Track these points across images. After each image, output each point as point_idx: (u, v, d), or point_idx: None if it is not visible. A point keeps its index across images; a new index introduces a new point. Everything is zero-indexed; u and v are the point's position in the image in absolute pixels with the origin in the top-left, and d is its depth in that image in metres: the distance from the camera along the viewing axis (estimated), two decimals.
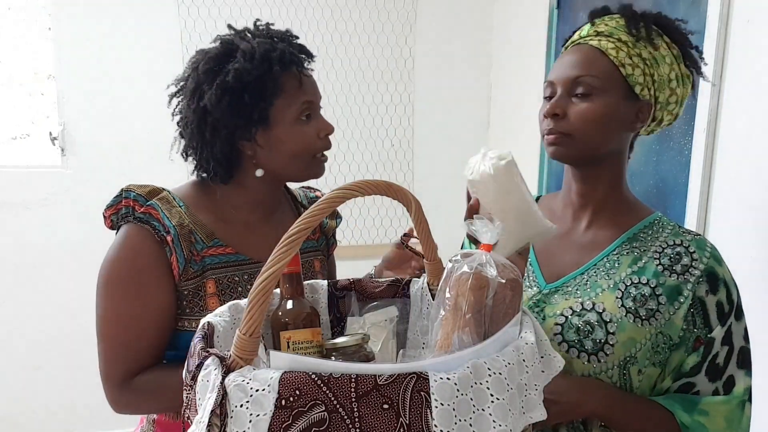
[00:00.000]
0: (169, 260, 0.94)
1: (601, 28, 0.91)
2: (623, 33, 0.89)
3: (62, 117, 2.47)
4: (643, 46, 0.88)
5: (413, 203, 0.71)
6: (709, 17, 1.33)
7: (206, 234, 1.00)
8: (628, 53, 0.88)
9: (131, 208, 0.95)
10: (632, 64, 0.88)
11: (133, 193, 0.97)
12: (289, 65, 0.98)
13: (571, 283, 0.93)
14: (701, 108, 1.36)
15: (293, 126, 0.99)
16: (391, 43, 2.67)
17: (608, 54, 0.88)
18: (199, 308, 0.97)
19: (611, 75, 0.88)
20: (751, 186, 1.26)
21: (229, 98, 0.95)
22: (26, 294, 2.54)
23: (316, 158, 1.04)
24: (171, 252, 0.94)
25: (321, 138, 1.03)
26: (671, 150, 1.50)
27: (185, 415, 0.61)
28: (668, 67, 0.90)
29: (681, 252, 0.89)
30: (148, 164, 2.35)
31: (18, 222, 2.49)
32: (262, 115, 0.97)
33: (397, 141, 2.76)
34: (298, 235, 0.57)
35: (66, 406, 2.63)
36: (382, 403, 0.51)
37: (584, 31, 0.93)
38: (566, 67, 0.90)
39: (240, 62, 0.95)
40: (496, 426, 0.52)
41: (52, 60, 2.44)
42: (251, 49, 0.96)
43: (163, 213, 0.95)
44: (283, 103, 0.98)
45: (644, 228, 0.94)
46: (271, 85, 0.96)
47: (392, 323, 0.84)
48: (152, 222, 0.94)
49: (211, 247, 0.99)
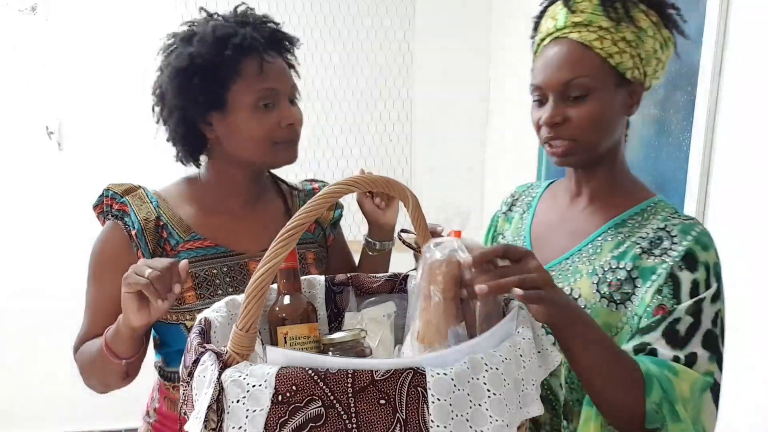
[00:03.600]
0: (136, 254, 0.98)
1: (578, 16, 0.85)
2: (602, 18, 0.83)
3: (58, 111, 2.46)
4: (625, 27, 0.83)
5: (411, 198, 0.70)
6: (709, 12, 1.33)
7: (183, 229, 1.02)
8: (612, 41, 0.83)
9: (109, 206, 1.01)
10: (619, 51, 0.84)
11: (110, 192, 1.02)
12: (249, 50, 0.96)
13: (555, 269, 0.92)
14: (700, 103, 1.36)
15: (252, 113, 0.97)
16: (390, 39, 2.66)
17: (594, 48, 0.83)
18: (176, 302, 0.97)
19: (602, 69, 0.84)
20: (749, 181, 1.26)
21: (179, 81, 0.97)
22: (22, 288, 2.54)
23: (278, 145, 1.01)
24: (137, 246, 0.98)
25: (283, 127, 1.00)
26: (670, 145, 1.50)
27: (182, 411, 0.61)
28: (651, 39, 0.85)
29: (663, 236, 0.84)
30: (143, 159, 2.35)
31: (13, 215, 2.48)
32: (217, 100, 0.97)
33: (395, 136, 2.76)
34: (295, 231, 0.57)
35: (66, 401, 2.63)
36: (379, 399, 0.51)
37: (560, 20, 0.87)
38: (554, 70, 0.85)
39: (194, 45, 0.96)
40: (492, 421, 0.52)
41: (48, 54, 2.43)
42: (207, 32, 0.97)
43: (132, 209, 1.00)
44: (241, 89, 0.97)
45: (635, 214, 0.90)
46: (227, 69, 0.96)
47: (390, 318, 0.84)
48: (124, 218, 1.00)
49: (188, 242, 1.01)
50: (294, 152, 1.05)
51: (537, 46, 0.92)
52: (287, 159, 1.04)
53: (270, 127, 0.99)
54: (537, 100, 0.89)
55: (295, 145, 1.04)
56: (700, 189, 1.37)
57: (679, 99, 1.45)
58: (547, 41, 0.89)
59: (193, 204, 1.05)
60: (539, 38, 0.91)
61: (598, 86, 0.84)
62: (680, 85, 1.44)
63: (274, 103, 0.99)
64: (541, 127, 0.88)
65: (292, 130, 1.02)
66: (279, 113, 0.99)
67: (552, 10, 0.90)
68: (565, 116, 0.85)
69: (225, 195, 1.07)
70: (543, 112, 0.87)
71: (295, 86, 1.04)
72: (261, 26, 1.01)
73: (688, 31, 0.92)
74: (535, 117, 0.90)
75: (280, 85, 1.00)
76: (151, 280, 0.80)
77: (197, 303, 0.98)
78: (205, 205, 1.06)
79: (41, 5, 2.40)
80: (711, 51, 1.32)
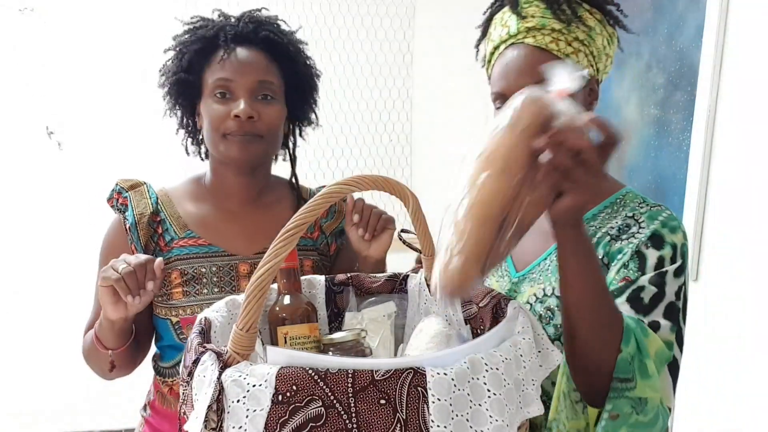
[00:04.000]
0: (130, 247, 1.02)
1: (529, 22, 0.87)
2: (552, 20, 0.85)
3: (59, 111, 2.46)
4: (576, 27, 0.86)
5: (410, 198, 0.70)
6: (709, 12, 1.33)
7: (180, 226, 1.04)
8: (566, 41, 0.85)
9: (116, 200, 1.06)
10: (574, 50, 0.86)
11: (118, 186, 1.07)
12: (215, 39, 1.01)
13: (536, 270, 0.92)
14: (700, 103, 1.36)
15: (207, 101, 1.01)
16: (390, 38, 2.66)
17: (551, 50, 0.85)
18: (165, 297, 0.99)
19: None
20: (748, 181, 1.26)
21: (170, 71, 1.04)
22: (21, 288, 2.54)
23: (226, 138, 0.99)
24: (131, 239, 1.01)
25: (232, 118, 0.97)
26: (670, 145, 1.50)
27: (181, 411, 0.61)
28: (600, 36, 0.88)
29: (630, 224, 0.86)
30: (145, 158, 2.35)
31: (13, 216, 2.48)
32: (196, 88, 1.03)
33: (395, 136, 2.76)
34: (295, 231, 0.57)
35: (66, 401, 2.63)
36: (379, 399, 0.51)
37: (512, 27, 0.88)
38: (515, 76, 0.86)
39: (180, 39, 1.05)
40: (492, 421, 0.52)
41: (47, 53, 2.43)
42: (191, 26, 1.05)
43: (131, 203, 1.04)
44: (207, 77, 1.02)
45: (605, 207, 0.91)
46: (202, 59, 1.02)
47: (390, 318, 0.84)
48: (125, 212, 1.04)
49: (182, 239, 1.03)
50: (242, 148, 0.99)
51: (490, 55, 0.93)
52: (233, 154, 0.99)
53: (219, 117, 0.98)
54: (499, 106, 0.88)
55: (248, 141, 0.99)
56: (700, 189, 1.37)
57: (679, 99, 1.45)
58: (501, 48, 0.90)
59: (195, 203, 1.07)
60: (492, 46, 0.92)
61: None
62: (680, 85, 1.44)
63: (230, 94, 0.99)
64: None
65: (241, 123, 0.97)
66: (232, 105, 0.98)
67: (500, 17, 0.91)
68: None
69: (221, 195, 1.08)
70: None
71: (265, 83, 1.01)
72: (246, 22, 1.04)
73: (688, 30, 0.92)
74: None
75: (239, 77, 0.98)
76: (122, 276, 0.83)
77: (182, 300, 0.98)
78: (205, 205, 1.07)
79: (41, 5, 2.40)
80: (711, 51, 1.32)
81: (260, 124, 1.00)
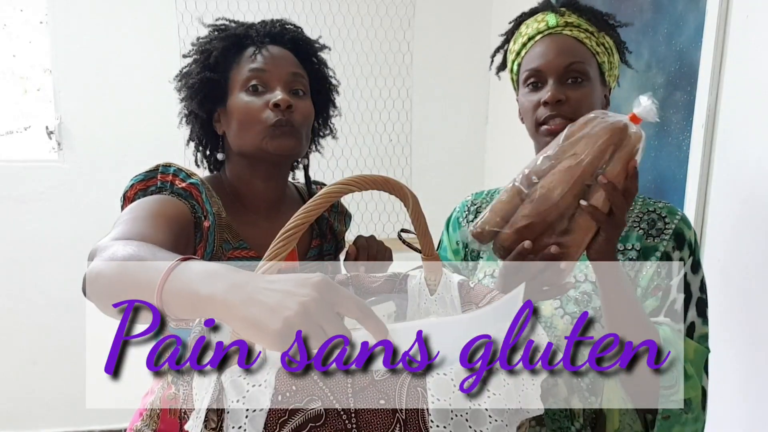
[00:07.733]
0: (196, 247, 0.87)
1: (568, 18, 0.96)
2: (586, 23, 0.96)
3: (59, 111, 2.46)
4: (603, 36, 0.97)
5: (410, 198, 0.70)
6: (708, 12, 1.33)
7: (233, 234, 0.94)
8: (597, 42, 0.96)
9: (168, 183, 0.88)
10: (601, 52, 0.96)
11: (173, 168, 0.91)
12: (245, 38, 0.99)
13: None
14: (700, 103, 1.36)
15: (240, 95, 0.96)
16: (389, 38, 2.66)
17: (585, 44, 0.95)
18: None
19: (592, 62, 0.96)
20: (749, 182, 1.26)
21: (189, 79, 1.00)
22: (22, 288, 2.54)
23: (264, 130, 0.94)
24: (200, 239, 0.87)
25: (271, 108, 0.93)
26: (669, 145, 1.50)
27: (182, 411, 0.61)
28: (616, 54, 1.00)
29: (655, 218, 0.97)
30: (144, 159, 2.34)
31: (14, 216, 2.48)
32: (220, 91, 0.99)
33: (395, 136, 2.76)
34: (295, 230, 0.57)
35: (63, 401, 2.63)
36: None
37: (551, 21, 0.97)
38: (554, 55, 0.94)
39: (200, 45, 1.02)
40: (492, 421, 0.52)
41: (48, 54, 2.43)
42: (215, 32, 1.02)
43: (205, 196, 0.90)
44: (236, 73, 0.98)
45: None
46: (228, 60, 0.99)
47: (390, 318, 0.84)
48: (191, 201, 0.88)
49: (236, 249, 0.94)
50: (288, 140, 0.95)
51: (522, 46, 1.00)
52: (280, 146, 0.94)
53: (255, 108, 0.94)
54: (532, 83, 0.97)
55: (291, 132, 0.95)
56: (700, 189, 1.37)
57: (679, 99, 1.45)
58: (538, 38, 0.97)
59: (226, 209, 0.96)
60: (526, 38, 0.99)
61: (591, 74, 0.95)
62: (680, 85, 1.44)
63: (264, 86, 0.96)
64: (539, 108, 0.95)
65: (281, 111, 0.93)
66: (269, 96, 0.95)
67: (531, 21, 1.00)
68: (567, 95, 0.93)
69: (247, 201, 1.02)
70: (543, 93, 0.94)
71: (298, 76, 1.00)
72: (274, 24, 1.03)
73: (688, 30, 0.98)
74: (532, 99, 0.96)
75: (273, 68, 0.97)
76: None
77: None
78: (236, 212, 0.99)
79: (41, 6, 2.40)
80: (711, 51, 1.32)
81: (297, 115, 0.96)
